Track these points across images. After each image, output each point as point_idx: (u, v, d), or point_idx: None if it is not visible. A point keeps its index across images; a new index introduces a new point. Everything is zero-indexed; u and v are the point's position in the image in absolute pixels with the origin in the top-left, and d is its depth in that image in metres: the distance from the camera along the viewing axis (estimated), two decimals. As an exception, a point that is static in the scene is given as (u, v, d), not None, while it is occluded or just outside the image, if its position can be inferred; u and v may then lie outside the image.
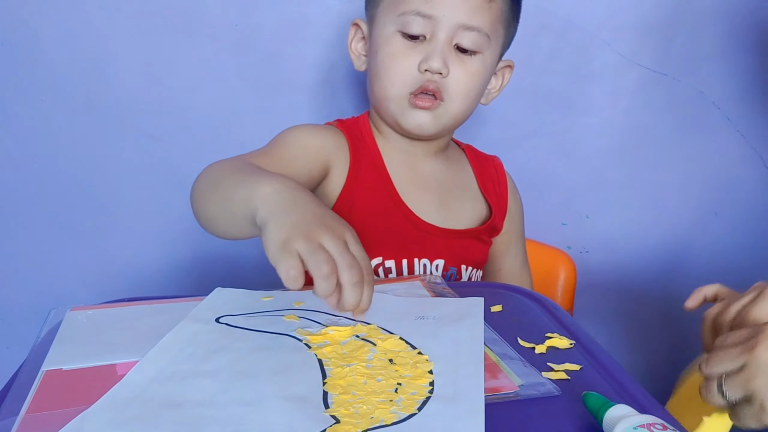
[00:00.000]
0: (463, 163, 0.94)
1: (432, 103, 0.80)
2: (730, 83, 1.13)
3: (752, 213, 1.20)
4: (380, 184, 0.85)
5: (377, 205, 0.84)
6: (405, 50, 0.79)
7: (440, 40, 0.78)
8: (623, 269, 1.21)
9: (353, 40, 0.87)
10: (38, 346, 0.56)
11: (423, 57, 0.78)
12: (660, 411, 0.47)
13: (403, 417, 0.44)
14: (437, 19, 0.77)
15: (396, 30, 0.79)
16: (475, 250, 0.90)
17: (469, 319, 0.60)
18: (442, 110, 0.81)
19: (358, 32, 0.87)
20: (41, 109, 1.04)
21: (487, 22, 0.79)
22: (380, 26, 0.81)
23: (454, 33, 0.78)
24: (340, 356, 0.52)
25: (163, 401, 0.46)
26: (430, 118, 0.81)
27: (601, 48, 1.09)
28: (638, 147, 1.16)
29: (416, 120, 0.81)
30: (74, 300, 0.89)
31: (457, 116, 0.83)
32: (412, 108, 0.80)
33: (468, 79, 0.80)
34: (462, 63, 0.79)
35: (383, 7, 0.81)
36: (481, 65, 0.81)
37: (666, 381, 1.28)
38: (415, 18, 0.77)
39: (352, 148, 0.85)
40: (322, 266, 0.49)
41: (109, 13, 1.01)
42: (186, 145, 1.08)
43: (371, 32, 0.84)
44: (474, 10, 0.78)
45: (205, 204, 0.67)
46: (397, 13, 0.78)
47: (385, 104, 0.82)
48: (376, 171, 0.85)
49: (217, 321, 0.59)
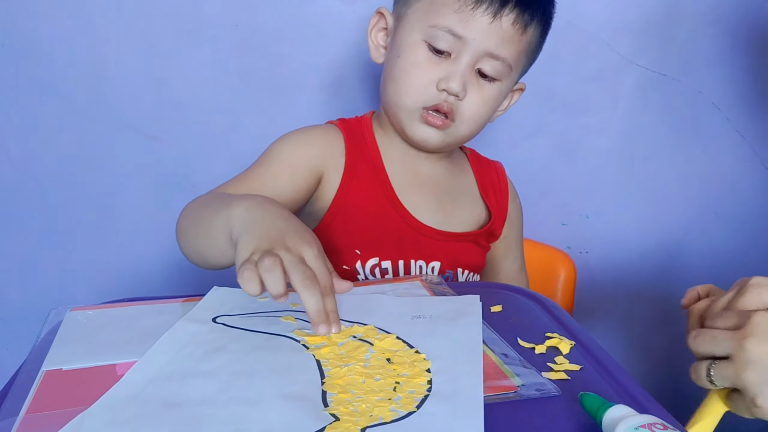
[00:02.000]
0: (465, 166, 0.94)
1: (443, 123, 0.79)
2: (730, 84, 1.13)
3: (751, 213, 1.20)
4: (378, 184, 0.85)
5: (374, 206, 0.84)
6: (427, 63, 0.77)
7: (464, 63, 0.77)
8: (623, 269, 1.21)
9: (374, 29, 0.85)
10: (38, 346, 0.56)
11: (444, 75, 0.77)
12: (660, 411, 0.47)
13: (402, 415, 0.44)
14: (467, 42, 0.76)
15: (422, 39, 0.77)
16: (472, 254, 0.90)
17: (466, 318, 0.60)
18: (451, 130, 0.81)
19: (380, 21, 0.84)
20: (41, 109, 1.04)
21: (513, 54, 0.78)
22: (407, 29, 0.79)
23: (479, 58, 0.77)
24: (338, 356, 0.52)
25: (163, 401, 0.46)
26: (437, 136, 0.81)
27: (601, 48, 1.09)
28: (638, 147, 1.16)
29: (423, 134, 0.81)
30: (74, 300, 0.89)
31: (464, 138, 0.84)
32: (422, 122, 0.80)
33: (482, 105, 0.80)
34: (479, 88, 0.79)
35: (415, 9, 0.79)
36: (497, 92, 0.80)
37: (665, 381, 1.29)
38: (446, 35, 0.76)
39: (349, 147, 0.85)
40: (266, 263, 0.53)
41: (109, 13, 1.01)
42: (186, 145, 1.08)
43: (396, 29, 0.81)
44: (504, 40, 0.77)
45: (190, 241, 0.71)
46: (429, 23, 0.76)
47: (395, 110, 0.82)
48: (374, 171, 0.85)
49: (214, 321, 0.59)
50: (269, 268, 0.53)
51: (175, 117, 1.06)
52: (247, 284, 0.53)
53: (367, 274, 0.83)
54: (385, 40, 0.84)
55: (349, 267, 0.83)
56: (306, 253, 0.56)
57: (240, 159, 1.09)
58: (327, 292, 0.55)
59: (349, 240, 0.83)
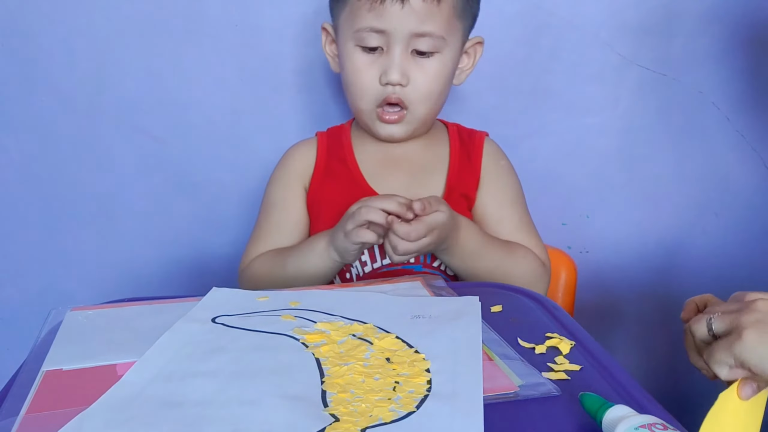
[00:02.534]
0: (442, 140, 0.93)
1: (398, 115, 0.84)
2: (730, 83, 1.13)
3: (752, 213, 1.20)
4: (349, 177, 0.89)
5: (344, 195, 0.86)
6: (365, 65, 0.82)
7: (396, 52, 0.80)
8: (623, 269, 1.21)
9: (326, 44, 0.90)
10: (38, 346, 0.56)
11: (382, 70, 0.81)
12: (660, 411, 0.47)
13: (401, 415, 0.44)
14: (390, 33, 0.80)
15: (355, 45, 0.82)
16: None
17: (465, 318, 0.60)
18: (409, 117, 0.85)
19: (328, 36, 0.89)
20: (41, 109, 1.04)
21: (439, 25, 0.80)
22: (342, 39, 0.84)
23: (409, 42, 0.80)
24: (338, 355, 0.53)
25: (162, 401, 0.46)
26: (399, 128, 0.86)
27: (601, 48, 1.09)
28: (638, 147, 1.16)
29: (386, 131, 0.86)
30: (74, 300, 0.89)
31: (426, 117, 0.87)
32: (381, 122, 0.85)
33: (429, 81, 0.83)
34: (421, 68, 0.82)
35: (342, 20, 0.84)
36: (440, 64, 0.83)
37: (665, 381, 1.29)
38: (370, 34, 0.80)
39: (321, 152, 0.91)
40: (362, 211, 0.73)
41: (109, 13, 1.01)
42: (186, 145, 1.08)
43: (337, 40, 0.87)
44: (424, 17, 0.79)
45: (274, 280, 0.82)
46: (353, 29, 0.81)
47: (358, 115, 0.88)
48: (346, 167, 0.90)
49: (214, 321, 0.59)
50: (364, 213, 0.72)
51: (175, 117, 1.06)
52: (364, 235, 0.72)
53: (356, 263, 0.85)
54: (336, 50, 0.89)
55: None
56: None
57: (240, 159, 1.10)
58: None
59: None
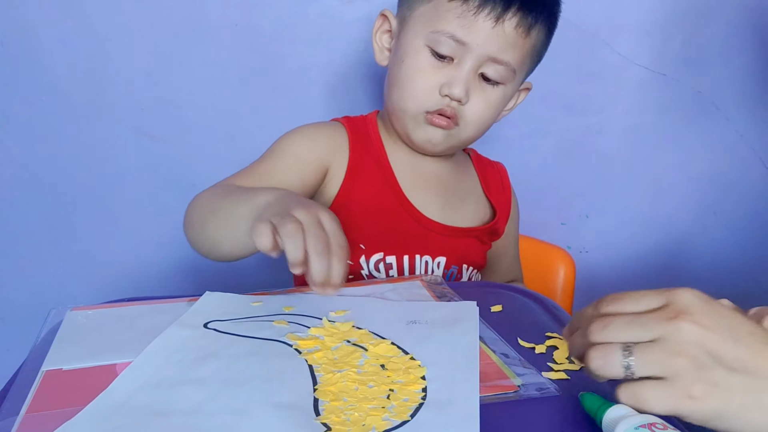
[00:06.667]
0: (468, 166, 0.95)
1: (448, 123, 0.79)
2: (729, 83, 1.13)
3: (751, 213, 1.20)
4: (384, 181, 0.85)
5: (380, 201, 0.84)
6: (430, 68, 0.77)
7: (467, 68, 0.76)
8: (623, 269, 1.21)
9: (378, 31, 0.85)
10: (38, 346, 0.56)
11: (447, 80, 0.76)
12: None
13: (395, 424, 0.43)
14: (469, 47, 0.75)
15: (425, 44, 0.77)
16: (475, 251, 0.90)
17: (462, 324, 0.58)
18: (455, 132, 0.81)
19: (384, 24, 0.84)
20: (41, 109, 1.04)
21: (517, 58, 0.77)
22: (410, 33, 0.79)
23: (482, 63, 0.76)
24: (331, 362, 0.51)
25: (149, 410, 0.45)
26: (442, 136, 0.81)
27: (601, 48, 1.09)
28: (638, 147, 1.16)
29: (427, 135, 0.81)
30: (74, 300, 0.89)
31: (468, 140, 0.84)
32: (426, 124, 0.80)
33: (485, 109, 0.80)
34: (483, 92, 0.79)
35: (418, 14, 0.78)
36: (501, 96, 0.80)
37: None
38: (449, 40, 0.75)
39: (353, 144, 0.85)
40: (289, 227, 0.52)
41: (109, 13, 1.01)
42: (186, 145, 1.08)
43: (399, 33, 0.81)
44: (507, 45, 0.76)
45: (206, 230, 0.70)
46: (432, 29, 0.76)
47: (400, 114, 0.82)
48: (380, 168, 0.85)
49: (206, 326, 0.58)
50: (291, 233, 0.52)
51: (175, 117, 1.06)
52: (260, 237, 0.53)
53: (371, 269, 0.83)
54: (389, 42, 0.84)
55: (352, 262, 0.83)
56: (323, 216, 0.55)
57: (240, 159, 1.09)
58: (339, 254, 0.54)
59: (352, 235, 0.83)
